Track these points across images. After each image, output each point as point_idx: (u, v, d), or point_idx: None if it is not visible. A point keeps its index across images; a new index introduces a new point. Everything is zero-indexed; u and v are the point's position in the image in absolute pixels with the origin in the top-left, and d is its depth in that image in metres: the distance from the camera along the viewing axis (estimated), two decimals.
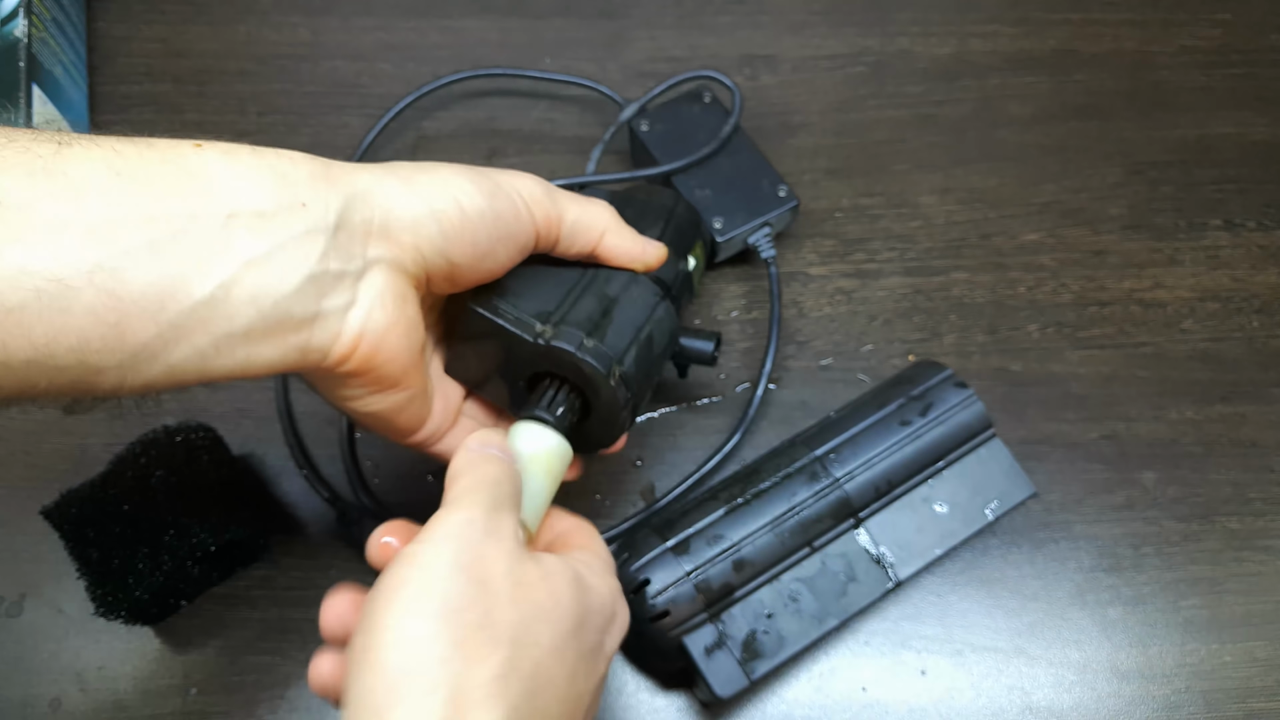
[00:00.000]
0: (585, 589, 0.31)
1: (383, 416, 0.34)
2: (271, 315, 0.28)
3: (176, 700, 0.44)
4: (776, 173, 0.53)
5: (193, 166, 0.28)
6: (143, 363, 0.27)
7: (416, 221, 0.31)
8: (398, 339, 0.32)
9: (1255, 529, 0.50)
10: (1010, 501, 0.45)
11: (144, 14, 0.62)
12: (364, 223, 0.30)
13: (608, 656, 0.32)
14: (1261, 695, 0.46)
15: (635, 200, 0.47)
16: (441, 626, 0.26)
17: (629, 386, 0.36)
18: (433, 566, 0.28)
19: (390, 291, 0.31)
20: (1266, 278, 0.57)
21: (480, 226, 0.32)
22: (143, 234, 0.26)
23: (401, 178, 0.31)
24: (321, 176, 0.30)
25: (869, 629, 0.47)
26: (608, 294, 0.38)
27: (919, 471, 0.44)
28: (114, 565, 0.41)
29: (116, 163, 0.26)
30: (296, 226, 0.28)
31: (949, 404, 0.45)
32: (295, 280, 0.28)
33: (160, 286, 0.26)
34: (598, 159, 0.55)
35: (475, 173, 0.33)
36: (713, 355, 0.45)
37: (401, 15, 0.63)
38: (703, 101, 0.55)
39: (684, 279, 0.46)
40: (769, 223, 0.53)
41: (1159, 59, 0.64)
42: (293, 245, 0.28)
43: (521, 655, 0.27)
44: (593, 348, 0.35)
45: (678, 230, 0.47)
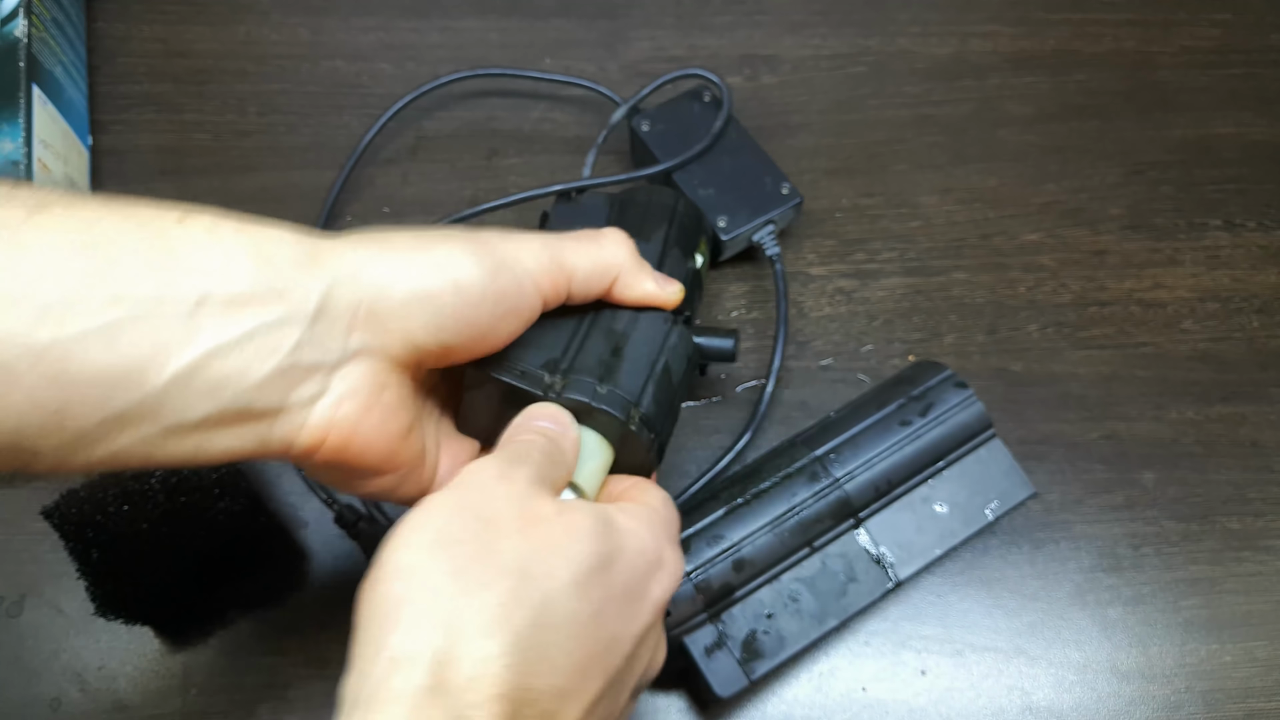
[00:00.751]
0: (615, 529, 0.29)
1: (379, 495, 0.33)
2: (231, 407, 0.27)
3: (176, 700, 0.44)
4: (779, 170, 0.53)
5: (170, 242, 0.26)
6: (83, 448, 0.25)
7: (407, 307, 0.29)
8: (372, 429, 0.30)
9: (1255, 529, 0.50)
10: (1010, 501, 0.45)
11: (144, 14, 0.62)
12: (349, 309, 0.28)
13: (655, 604, 0.30)
14: (1261, 695, 0.46)
15: (636, 201, 0.47)
16: (435, 557, 0.26)
17: (651, 427, 0.35)
18: (436, 505, 0.27)
19: (367, 382, 0.29)
20: (1266, 278, 0.57)
21: (480, 308, 0.30)
22: (101, 317, 0.24)
23: (394, 255, 0.29)
24: (307, 260, 0.28)
25: (869, 629, 0.47)
26: (615, 330, 0.36)
27: (919, 471, 0.44)
28: (114, 565, 0.41)
29: (89, 235, 0.25)
30: (271, 315, 0.27)
31: (949, 404, 0.45)
32: (262, 372, 0.27)
33: (111, 375, 0.25)
34: (593, 161, 0.55)
35: (477, 245, 0.31)
36: (733, 352, 0.45)
37: (401, 15, 0.63)
38: (702, 100, 0.55)
39: (694, 277, 0.46)
40: (773, 220, 0.53)
41: (1159, 59, 0.64)
42: (263, 335, 0.27)
43: (529, 586, 0.26)
44: (607, 394, 0.34)
45: (682, 229, 0.47)
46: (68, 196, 0.26)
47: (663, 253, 0.46)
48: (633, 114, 0.55)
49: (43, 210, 0.25)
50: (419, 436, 0.33)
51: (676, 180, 0.53)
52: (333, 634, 0.45)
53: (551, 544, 0.27)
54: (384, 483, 0.32)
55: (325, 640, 0.45)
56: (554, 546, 0.27)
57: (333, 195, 0.55)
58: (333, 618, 0.46)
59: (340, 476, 0.32)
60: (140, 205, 0.27)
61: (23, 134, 0.48)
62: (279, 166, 0.57)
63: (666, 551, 0.31)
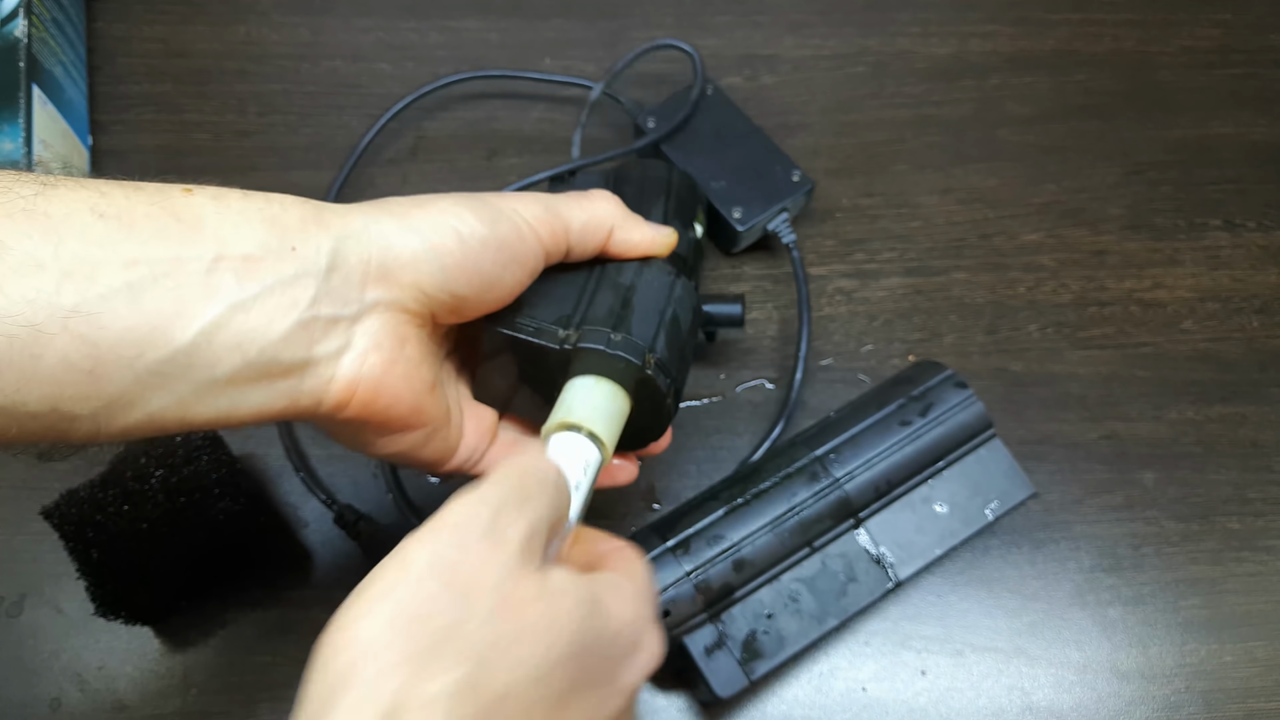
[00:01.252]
0: (599, 613, 0.28)
1: (406, 455, 0.33)
2: (257, 362, 0.27)
3: (176, 700, 0.44)
4: (789, 158, 0.54)
5: (180, 210, 0.27)
6: (119, 410, 0.26)
7: (415, 258, 0.30)
8: (398, 381, 0.31)
9: (1255, 529, 0.50)
10: (1010, 501, 0.45)
11: (144, 14, 0.62)
12: (360, 264, 0.29)
13: (625, 690, 0.29)
14: (1261, 695, 0.46)
15: (631, 176, 0.48)
16: (394, 634, 0.24)
17: (667, 372, 0.35)
18: (415, 563, 0.25)
19: (389, 334, 0.30)
20: (1266, 278, 0.57)
21: (483, 256, 0.31)
22: (122, 277, 0.25)
23: (396, 214, 0.30)
24: (313, 219, 0.29)
25: (869, 629, 0.47)
26: (622, 283, 0.36)
27: (919, 471, 0.44)
28: (114, 565, 0.41)
29: (100, 204, 0.26)
30: (286, 271, 0.28)
31: (949, 404, 0.45)
32: (284, 326, 0.28)
33: (139, 333, 0.25)
34: (579, 140, 0.55)
35: (474, 200, 0.32)
36: (741, 317, 0.46)
37: (401, 15, 0.63)
38: (705, 94, 0.55)
39: (695, 246, 0.47)
40: (786, 208, 0.53)
41: (1159, 59, 0.64)
42: (281, 290, 0.27)
43: (488, 675, 0.24)
44: (621, 341, 0.34)
45: (679, 200, 0.48)
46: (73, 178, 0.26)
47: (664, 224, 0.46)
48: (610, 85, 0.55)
49: (54, 186, 0.25)
50: (443, 394, 0.34)
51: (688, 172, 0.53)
52: None
53: (521, 629, 0.25)
54: (411, 439, 0.33)
55: None
56: (524, 632, 0.25)
57: (332, 195, 0.55)
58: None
59: (369, 434, 0.32)
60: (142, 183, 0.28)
61: (23, 134, 0.48)
62: (279, 166, 0.57)
63: (647, 634, 0.30)
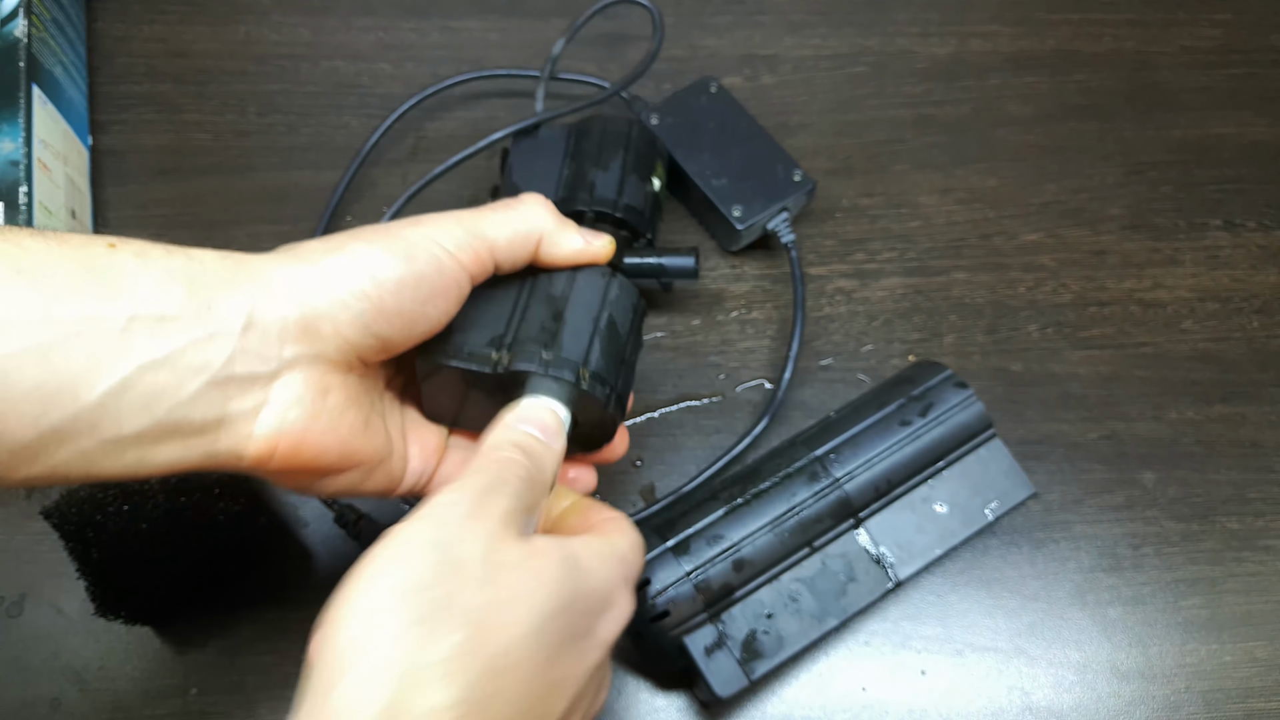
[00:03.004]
0: (578, 570, 0.30)
1: (348, 491, 0.34)
2: (166, 421, 0.27)
3: (176, 700, 0.44)
4: (790, 157, 0.54)
5: (100, 266, 0.27)
6: (22, 462, 0.26)
7: (333, 309, 0.30)
8: (322, 432, 0.31)
9: (1255, 529, 0.50)
10: (1010, 501, 0.45)
11: (144, 14, 0.62)
12: (278, 321, 0.29)
13: (602, 643, 0.31)
14: (1261, 695, 0.46)
15: (591, 131, 0.50)
16: (399, 603, 0.26)
17: (604, 382, 0.35)
18: (406, 543, 0.27)
19: (310, 387, 0.30)
20: (1266, 278, 0.57)
21: (402, 296, 0.31)
22: (34, 336, 0.25)
23: (311, 263, 0.30)
24: (231, 278, 0.29)
25: (869, 629, 0.47)
26: (554, 294, 0.36)
27: (919, 471, 0.44)
28: (114, 565, 0.41)
29: (21, 261, 0.26)
30: (199, 330, 0.28)
31: (949, 404, 0.45)
32: (195, 385, 0.28)
33: (45, 391, 0.25)
34: (543, 95, 0.55)
35: (387, 238, 0.31)
36: (695, 269, 0.47)
37: (401, 15, 0.63)
38: (709, 92, 0.55)
39: (653, 200, 0.50)
40: (787, 207, 0.53)
41: (1159, 59, 0.64)
42: (194, 350, 0.28)
43: (487, 636, 0.26)
44: (553, 359, 0.34)
45: (638, 155, 0.50)
46: (6, 230, 0.27)
47: (621, 178, 0.49)
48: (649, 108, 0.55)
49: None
50: (379, 430, 0.34)
51: (689, 173, 0.53)
52: None
53: (515, 592, 0.27)
54: (349, 479, 0.33)
55: None
56: (518, 595, 0.27)
57: (336, 196, 0.55)
58: None
59: (302, 480, 0.32)
60: (68, 236, 0.28)
61: (23, 134, 0.48)
62: (279, 166, 0.57)
63: (620, 594, 0.32)
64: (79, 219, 0.52)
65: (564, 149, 0.52)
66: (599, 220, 0.49)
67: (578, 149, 0.51)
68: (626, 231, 0.50)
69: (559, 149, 0.52)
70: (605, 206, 0.49)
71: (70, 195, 0.51)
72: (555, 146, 0.52)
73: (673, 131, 0.54)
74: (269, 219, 0.55)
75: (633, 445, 0.51)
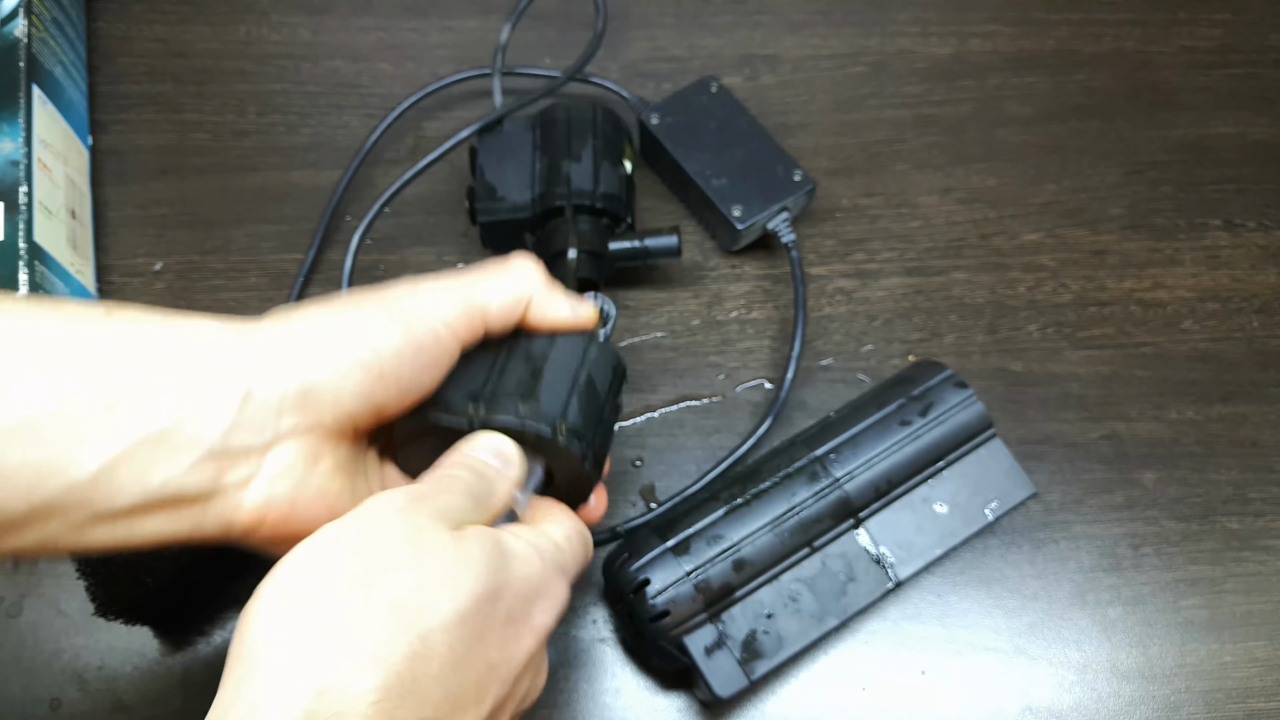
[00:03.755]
0: (506, 555, 0.30)
1: None
2: (160, 494, 0.27)
3: (176, 700, 0.44)
4: (791, 157, 0.54)
5: (97, 338, 0.27)
6: (11, 534, 0.26)
7: (334, 380, 0.30)
8: (311, 500, 0.30)
9: (1255, 529, 0.50)
10: (1010, 501, 0.45)
11: (144, 14, 0.62)
12: (276, 394, 0.29)
13: (535, 630, 0.30)
14: (1261, 695, 0.46)
15: (557, 120, 0.51)
16: (310, 600, 0.26)
17: (581, 438, 0.35)
18: (320, 541, 0.27)
19: (301, 457, 0.30)
20: (1266, 278, 0.57)
21: (402, 368, 0.31)
22: (27, 410, 0.25)
23: (313, 335, 0.30)
24: (229, 350, 0.29)
25: (869, 629, 0.47)
26: (534, 352, 0.36)
27: (919, 471, 0.44)
28: (114, 565, 0.41)
29: (17, 335, 0.26)
30: (197, 404, 0.27)
31: (949, 404, 0.45)
32: (190, 458, 0.27)
33: (36, 467, 0.25)
34: (499, 88, 0.55)
35: (389, 309, 0.31)
36: (677, 247, 0.49)
37: (401, 15, 0.63)
38: (710, 92, 0.56)
39: (627, 183, 0.51)
40: (787, 207, 0.53)
41: (1159, 59, 0.64)
42: (190, 424, 0.27)
43: (410, 621, 0.26)
44: (530, 411, 0.34)
45: (607, 140, 0.50)
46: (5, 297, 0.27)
47: (595, 167, 0.50)
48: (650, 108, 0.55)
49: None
50: (363, 491, 0.33)
51: (689, 172, 0.53)
52: None
53: (438, 577, 0.27)
54: None
55: None
56: (440, 580, 0.27)
57: (336, 196, 0.55)
58: None
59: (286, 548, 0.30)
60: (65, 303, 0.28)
61: (23, 134, 0.48)
62: (279, 166, 0.57)
63: (554, 583, 0.32)
64: (79, 219, 0.52)
65: (531, 141, 0.52)
66: (579, 212, 0.50)
67: (545, 140, 0.51)
68: (606, 219, 0.50)
69: (526, 141, 0.52)
70: (583, 199, 0.49)
71: (70, 195, 0.51)
72: (521, 140, 0.52)
73: (673, 131, 0.54)
74: (269, 219, 0.55)
75: (633, 446, 0.51)
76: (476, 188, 0.51)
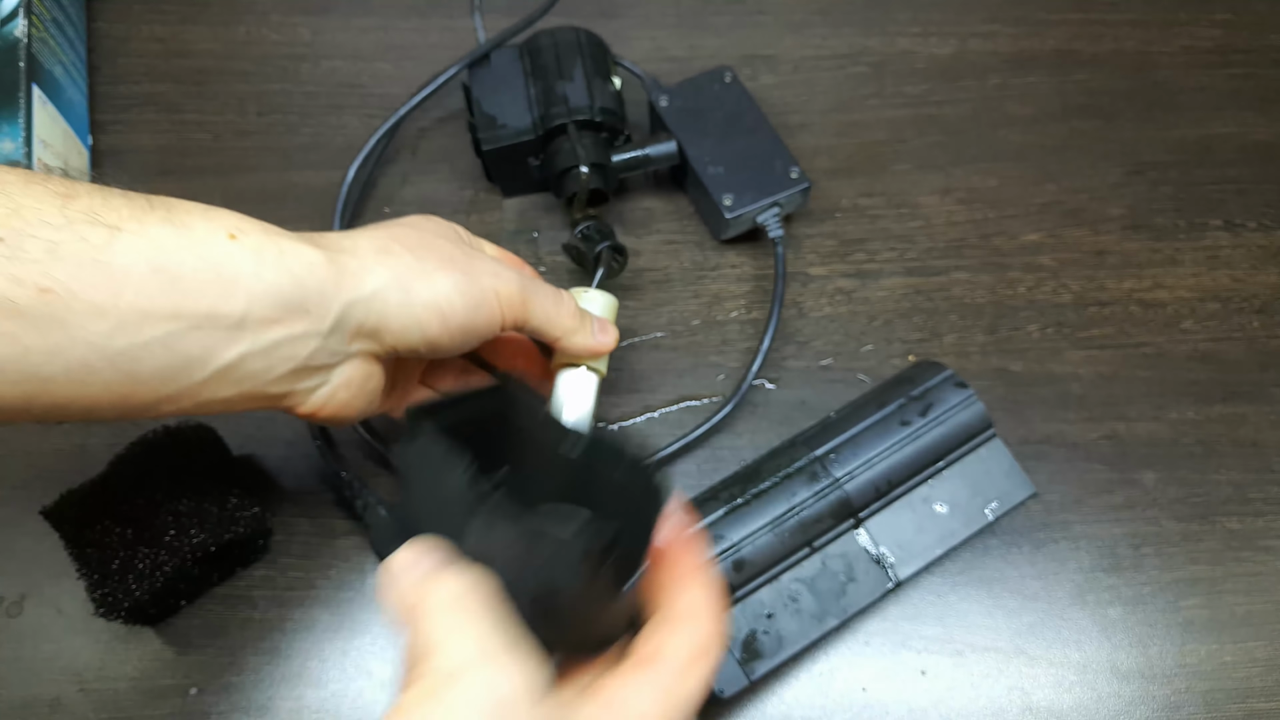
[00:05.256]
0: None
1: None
2: (251, 392, 0.34)
3: (176, 700, 0.44)
4: (790, 154, 0.54)
5: (222, 265, 0.32)
6: (135, 414, 0.32)
7: (404, 330, 0.36)
8: (363, 405, 0.38)
9: (1255, 529, 0.50)
10: (1010, 501, 0.45)
11: (144, 14, 0.62)
12: (357, 325, 0.35)
13: None
14: (1261, 695, 0.46)
15: (543, 47, 0.53)
16: None
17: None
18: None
19: (359, 373, 0.36)
20: (1266, 278, 0.57)
21: (457, 332, 0.37)
22: (164, 328, 0.30)
23: (399, 286, 0.35)
24: (333, 287, 0.34)
25: (869, 629, 0.47)
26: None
27: (919, 471, 0.44)
28: (114, 565, 0.41)
29: (157, 258, 0.30)
30: (296, 330, 0.33)
31: (949, 404, 0.45)
32: (281, 371, 0.34)
33: (167, 371, 0.31)
34: (481, 23, 0.58)
35: (468, 283, 0.37)
36: (677, 153, 0.53)
37: (401, 15, 0.63)
38: (723, 81, 0.56)
39: (617, 98, 0.54)
40: (779, 203, 0.53)
41: (1159, 59, 0.64)
42: (288, 346, 0.33)
43: None
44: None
45: (594, 59, 0.53)
46: (136, 217, 0.31)
47: (589, 84, 0.52)
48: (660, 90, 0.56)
49: (118, 233, 0.30)
50: (403, 395, 0.43)
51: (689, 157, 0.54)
52: (333, 635, 0.45)
53: None
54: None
55: (326, 641, 0.45)
56: None
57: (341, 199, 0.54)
58: (334, 618, 0.46)
59: (332, 423, 0.38)
60: (193, 225, 0.32)
61: (23, 134, 0.48)
62: (279, 166, 0.57)
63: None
64: None
65: (521, 70, 0.54)
66: (581, 129, 0.52)
67: (535, 66, 0.53)
68: (606, 133, 0.53)
69: (516, 70, 0.54)
70: (583, 114, 0.52)
71: None
72: (512, 69, 0.54)
73: (679, 115, 0.55)
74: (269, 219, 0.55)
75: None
76: (477, 121, 0.53)
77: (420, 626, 0.27)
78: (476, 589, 0.27)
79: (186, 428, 0.45)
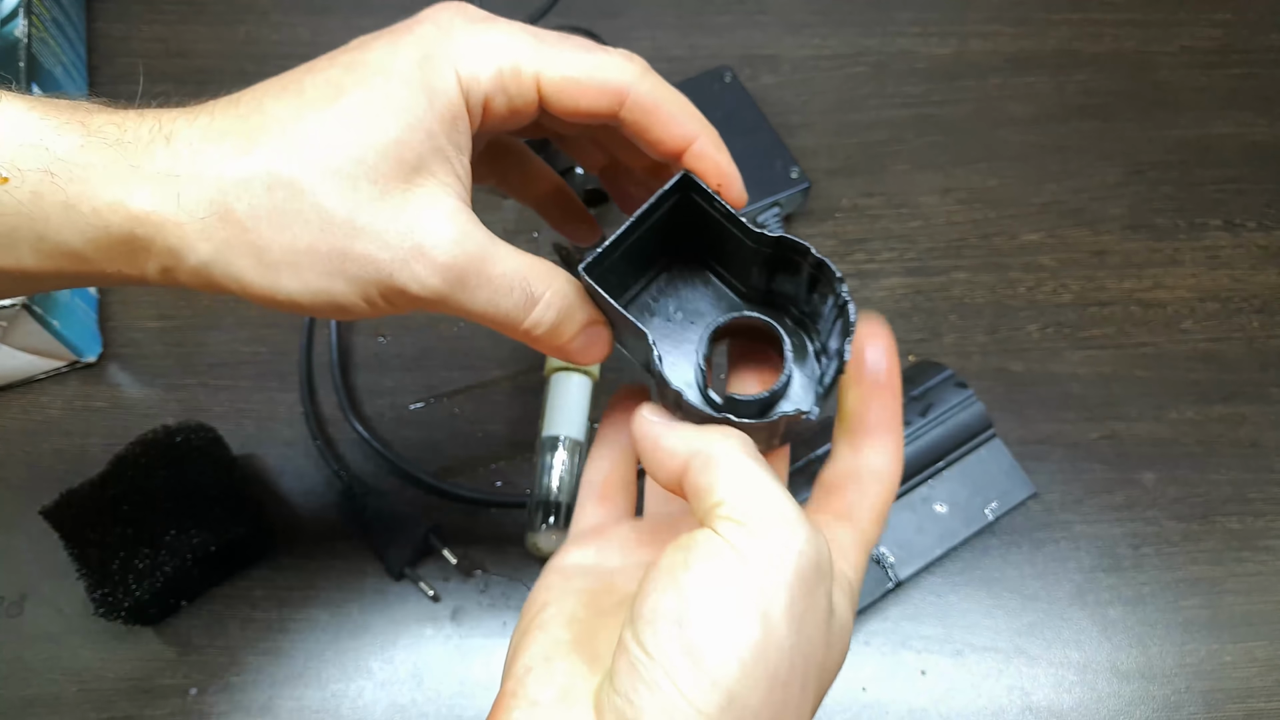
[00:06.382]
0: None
1: None
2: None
3: (176, 700, 0.44)
4: (791, 155, 0.54)
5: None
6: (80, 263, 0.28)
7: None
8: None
9: (1255, 529, 0.50)
10: (1010, 501, 0.45)
11: (144, 14, 0.62)
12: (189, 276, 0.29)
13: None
14: (1261, 695, 0.46)
15: None
16: None
17: None
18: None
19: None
20: (1266, 278, 0.57)
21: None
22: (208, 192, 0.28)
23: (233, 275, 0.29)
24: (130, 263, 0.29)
25: (869, 629, 0.47)
26: None
27: (919, 471, 0.44)
28: (114, 565, 0.41)
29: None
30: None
31: (949, 404, 0.45)
32: None
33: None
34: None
35: (325, 273, 0.28)
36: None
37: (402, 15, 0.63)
38: (723, 81, 0.56)
39: None
40: (779, 203, 0.53)
41: (1159, 59, 0.64)
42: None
43: None
44: None
45: None
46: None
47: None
48: None
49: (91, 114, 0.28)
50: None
51: None
52: (333, 635, 0.45)
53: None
54: None
55: (326, 641, 0.45)
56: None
57: None
58: (334, 618, 0.46)
59: None
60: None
61: None
62: None
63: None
64: None
65: None
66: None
67: None
68: None
69: None
70: None
71: None
72: None
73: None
74: None
75: None
76: None
77: (716, 475, 0.26)
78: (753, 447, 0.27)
79: (187, 427, 0.45)
